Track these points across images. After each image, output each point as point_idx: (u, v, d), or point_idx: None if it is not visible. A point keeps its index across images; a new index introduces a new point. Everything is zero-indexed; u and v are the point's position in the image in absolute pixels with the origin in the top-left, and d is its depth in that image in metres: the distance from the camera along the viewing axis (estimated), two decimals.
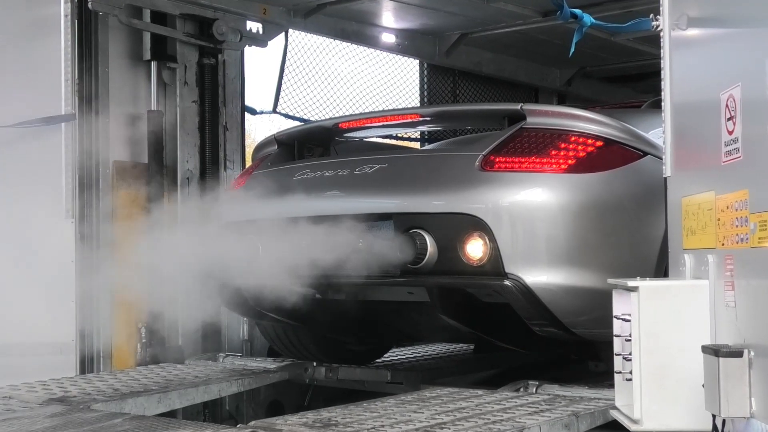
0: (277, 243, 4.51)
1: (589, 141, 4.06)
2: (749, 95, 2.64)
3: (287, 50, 7.05)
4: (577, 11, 4.21)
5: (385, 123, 4.89)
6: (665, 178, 3.33)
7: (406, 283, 4.19)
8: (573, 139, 4.05)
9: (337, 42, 7.33)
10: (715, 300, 2.90)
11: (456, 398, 4.01)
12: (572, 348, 4.54)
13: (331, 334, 5.27)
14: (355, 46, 7.48)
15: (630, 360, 3.05)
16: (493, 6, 6.69)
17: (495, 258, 3.88)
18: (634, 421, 2.99)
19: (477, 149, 4.13)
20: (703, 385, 2.81)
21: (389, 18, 7.10)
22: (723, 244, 2.82)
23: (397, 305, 4.58)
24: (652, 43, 7.25)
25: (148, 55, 5.84)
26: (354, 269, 4.22)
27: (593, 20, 4.24)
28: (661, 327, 2.98)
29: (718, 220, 2.84)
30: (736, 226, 2.71)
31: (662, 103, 3.34)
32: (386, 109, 7.62)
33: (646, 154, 4.12)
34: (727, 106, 2.77)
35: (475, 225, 3.90)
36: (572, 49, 4.21)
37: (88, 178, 5.48)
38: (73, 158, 5.43)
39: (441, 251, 4.00)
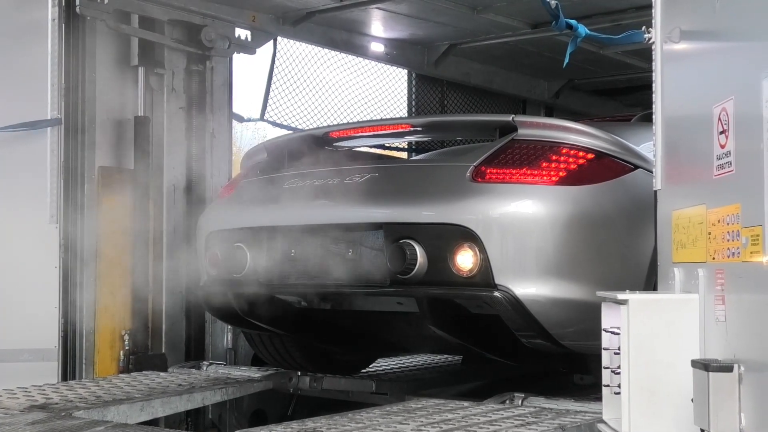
0: (265, 252, 4.48)
1: (581, 153, 4.06)
2: (743, 109, 2.65)
3: (276, 58, 7.03)
4: (573, 21, 4.21)
5: (376, 132, 4.88)
6: (655, 192, 3.33)
7: (396, 293, 4.17)
8: (564, 151, 4.05)
9: (326, 50, 7.33)
10: (705, 314, 2.90)
11: (442, 410, 3.99)
12: (561, 360, 4.53)
13: (318, 344, 5.24)
14: (343, 54, 7.47)
15: (618, 373, 3.04)
16: (483, 17, 6.70)
17: (485, 269, 3.87)
18: None
19: (468, 160, 4.12)
20: (692, 400, 2.80)
21: (378, 27, 7.10)
22: (714, 258, 2.82)
23: (385, 315, 4.55)
24: (641, 56, 7.34)
25: (135, 61, 5.80)
26: (343, 279, 4.20)
27: (588, 31, 4.23)
28: (651, 340, 2.98)
29: (709, 233, 2.84)
30: (728, 240, 2.71)
31: (653, 116, 3.34)
32: (377, 118, 7.61)
33: (637, 167, 4.12)
34: (719, 119, 2.77)
35: (466, 236, 3.89)
36: (567, 60, 4.22)
37: (73, 184, 5.43)
38: (59, 163, 5.38)
39: (431, 262, 3.99)
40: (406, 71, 8.07)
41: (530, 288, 3.86)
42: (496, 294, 3.86)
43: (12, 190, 5.42)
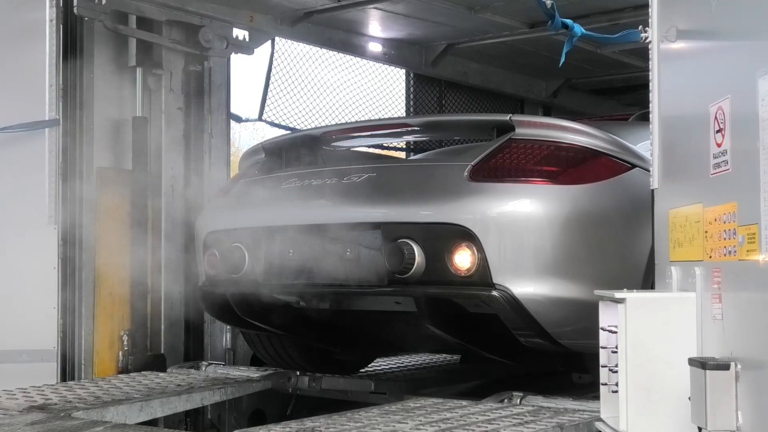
0: (263, 252, 4.49)
1: (578, 153, 4.06)
2: (739, 108, 2.65)
3: (273, 58, 7.04)
4: (568, 21, 4.23)
5: (374, 132, 4.89)
6: (652, 191, 3.34)
7: (394, 292, 4.18)
8: (562, 150, 4.05)
9: (324, 50, 7.33)
10: (702, 312, 2.90)
11: (440, 409, 3.99)
12: (559, 359, 4.54)
13: (316, 344, 5.24)
14: (341, 54, 7.48)
15: (616, 372, 3.05)
16: (481, 17, 6.71)
17: (483, 268, 3.87)
18: None
19: (466, 159, 4.13)
20: (689, 398, 2.81)
21: (376, 27, 7.11)
22: (710, 257, 2.83)
23: (384, 315, 4.56)
24: (639, 55, 7.33)
25: (133, 61, 5.80)
26: (341, 278, 4.20)
27: (584, 30, 4.25)
28: (648, 339, 2.98)
29: (706, 232, 2.85)
30: (724, 239, 2.71)
31: (650, 115, 3.35)
32: (375, 118, 7.62)
33: (634, 166, 4.13)
34: (716, 118, 2.78)
35: (464, 235, 3.90)
36: (563, 59, 4.23)
37: (71, 184, 5.43)
38: (57, 164, 5.38)
39: (429, 261, 3.99)
40: (403, 71, 8.08)
41: (528, 287, 3.87)
42: (494, 293, 3.87)
43: (10, 191, 5.41)
